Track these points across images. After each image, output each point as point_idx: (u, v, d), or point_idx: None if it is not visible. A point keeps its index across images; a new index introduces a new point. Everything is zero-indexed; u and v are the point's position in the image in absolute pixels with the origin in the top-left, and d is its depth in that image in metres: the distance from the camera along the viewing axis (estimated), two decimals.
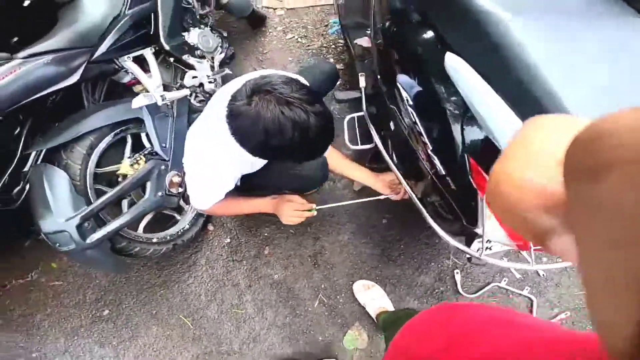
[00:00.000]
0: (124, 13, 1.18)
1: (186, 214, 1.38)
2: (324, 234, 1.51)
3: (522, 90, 0.63)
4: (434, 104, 0.79)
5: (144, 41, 1.30)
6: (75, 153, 1.05)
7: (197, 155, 1.00)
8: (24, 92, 0.95)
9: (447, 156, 0.79)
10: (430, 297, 1.41)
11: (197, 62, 1.47)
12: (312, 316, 1.38)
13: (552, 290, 1.43)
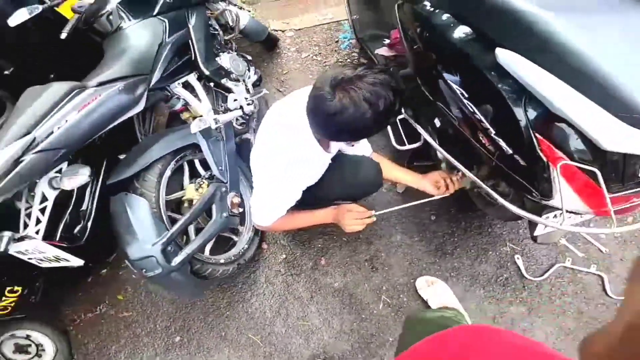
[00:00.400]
0: (165, 41, 1.30)
1: (242, 235, 1.44)
2: (376, 237, 1.55)
3: (578, 75, 0.72)
4: (490, 93, 0.87)
5: (188, 67, 1.42)
6: (148, 181, 1.13)
7: (270, 167, 1.04)
8: (106, 119, 1.05)
9: (512, 136, 0.84)
10: (495, 284, 1.42)
11: (235, 85, 1.59)
12: (379, 318, 1.40)
13: (618, 265, 1.42)
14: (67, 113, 0.97)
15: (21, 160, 0.88)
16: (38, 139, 0.91)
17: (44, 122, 0.93)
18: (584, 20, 0.80)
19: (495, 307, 1.38)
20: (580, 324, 1.33)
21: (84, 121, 0.99)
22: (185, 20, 1.44)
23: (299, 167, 1.01)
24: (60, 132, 0.94)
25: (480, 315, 1.38)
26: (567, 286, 1.40)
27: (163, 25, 1.33)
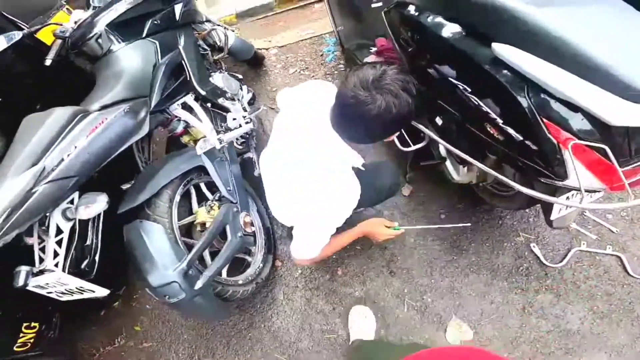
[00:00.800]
0: (159, 62, 1.32)
1: (255, 255, 1.44)
2: (389, 242, 1.56)
3: (572, 61, 0.77)
4: (493, 85, 0.91)
5: (184, 88, 1.44)
6: (160, 207, 1.13)
7: (313, 195, 1.00)
8: (115, 143, 1.04)
9: (520, 123, 0.88)
10: (517, 275, 1.44)
11: (231, 104, 1.62)
12: (405, 322, 1.40)
13: (632, 243, 1.46)
14: (75, 139, 0.96)
15: (33, 191, 0.87)
16: (48, 168, 0.90)
17: (51, 150, 0.92)
18: (564, 10, 0.86)
19: (523, 297, 1.40)
20: (612, 306, 1.35)
21: (94, 146, 0.99)
22: (175, 41, 1.47)
23: (352, 191, 1.00)
24: (71, 160, 0.93)
25: (509, 307, 1.39)
26: (589, 269, 1.43)
27: (154, 47, 1.35)
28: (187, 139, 1.49)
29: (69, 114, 0.99)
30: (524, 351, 1.31)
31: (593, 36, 0.79)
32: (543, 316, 1.36)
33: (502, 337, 1.34)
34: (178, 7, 1.54)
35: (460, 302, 1.41)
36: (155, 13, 1.44)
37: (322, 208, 1.00)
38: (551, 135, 0.84)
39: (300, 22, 3.02)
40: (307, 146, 1.01)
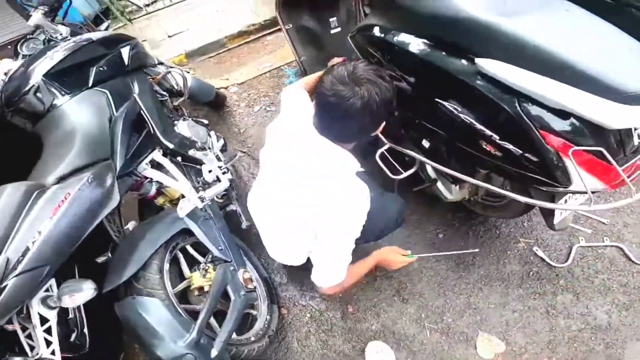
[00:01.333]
0: (114, 115, 1.22)
1: (259, 307, 1.35)
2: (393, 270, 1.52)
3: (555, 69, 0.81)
4: (483, 101, 0.94)
5: (150, 144, 1.34)
6: (150, 280, 1.03)
7: (336, 226, 0.96)
8: (86, 220, 0.94)
9: (517, 138, 0.91)
10: (529, 280, 1.46)
11: (204, 155, 1.52)
12: (432, 346, 1.35)
13: (626, 232, 1.54)
14: (37, 222, 0.86)
15: (2, 286, 0.78)
16: (12, 259, 0.80)
17: (11, 237, 0.82)
18: (533, 19, 0.91)
19: (542, 301, 1.41)
20: (632, 296, 1.39)
21: (61, 228, 0.88)
22: (128, 89, 1.38)
23: (360, 193, 0.95)
24: (38, 247, 0.83)
25: (532, 313, 1.39)
26: (596, 264, 1.47)
27: (105, 97, 1.25)
28: (162, 201, 1.38)
29: (21, 193, 0.88)
30: (563, 353, 1.30)
31: (570, 43, 0.84)
32: (569, 316, 1.37)
33: (536, 343, 1.33)
34: (125, 51, 1.46)
35: (482, 317, 1.39)
36: (100, 59, 1.35)
37: (335, 222, 0.95)
38: (549, 145, 0.87)
39: (255, 57, 3.07)
40: (300, 156, 0.97)
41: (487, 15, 0.92)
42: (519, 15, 0.92)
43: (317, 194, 0.95)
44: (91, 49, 1.35)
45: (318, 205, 0.96)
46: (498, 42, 0.90)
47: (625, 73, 0.78)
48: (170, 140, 1.40)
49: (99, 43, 1.40)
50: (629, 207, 1.64)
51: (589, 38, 0.89)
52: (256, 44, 3.24)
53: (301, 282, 1.54)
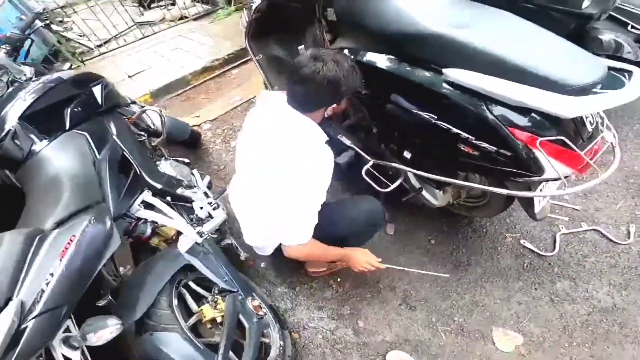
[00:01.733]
0: (97, 158, 1.26)
1: (270, 334, 1.37)
2: (395, 281, 1.64)
3: (512, 72, 1.00)
4: (454, 107, 1.12)
5: (138, 185, 1.39)
6: (163, 315, 1.07)
7: (291, 178, 1.14)
8: (94, 261, 0.98)
9: (490, 136, 1.08)
10: (525, 272, 1.61)
11: (192, 192, 1.59)
12: (450, 347, 1.42)
13: (598, 215, 1.77)
14: (46, 264, 0.89)
15: (23, 328, 0.80)
16: (28, 301, 0.83)
17: (20, 281, 0.85)
18: (483, 30, 1.11)
19: (543, 290, 1.55)
20: (625, 275, 1.56)
21: (73, 269, 0.92)
22: (106, 130, 1.42)
23: (320, 166, 1.15)
24: (53, 289, 0.86)
25: (538, 302, 1.51)
26: (581, 248, 1.66)
27: (85, 139, 1.29)
28: (157, 241, 1.41)
29: (22, 238, 0.92)
30: (581, 337, 1.40)
31: (519, 48, 1.04)
32: (574, 301, 1.51)
33: (552, 331, 1.43)
34: (97, 90, 1.51)
35: (491, 312, 1.50)
36: (72, 99, 1.39)
37: (302, 181, 1.14)
38: (518, 139, 1.04)
39: (223, 92, 3.20)
40: (273, 132, 1.19)
41: (444, 29, 1.12)
42: (470, 27, 1.12)
43: (290, 163, 1.14)
44: (63, 89, 1.38)
45: (290, 172, 1.14)
46: (458, 52, 1.09)
47: (568, 69, 0.97)
48: (157, 181, 1.45)
49: (70, 83, 1.44)
50: (597, 192, 1.89)
51: (532, 41, 1.10)
52: (222, 78, 3.39)
53: (307, 306, 1.59)
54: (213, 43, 3.72)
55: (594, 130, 1.08)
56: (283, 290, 1.66)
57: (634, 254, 1.63)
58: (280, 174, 1.16)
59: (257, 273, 1.73)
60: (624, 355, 1.34)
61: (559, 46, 1.07)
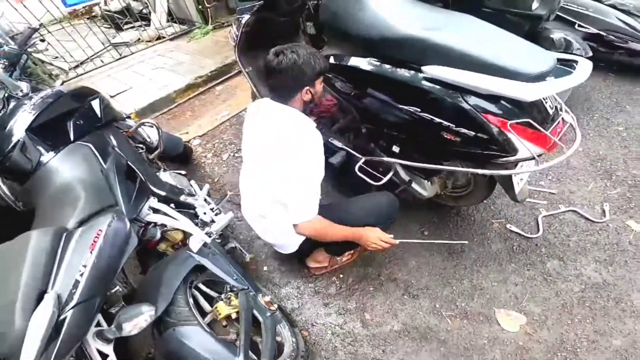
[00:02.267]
0: (104, 167, 1.38)
1: (282, 332, 1.48)
2: (394, 272, 1.82)
3: (481, 66, 1.23)
4: (435, 99, 1.35)
5: (143, 192, 1.53)
6: (182, 312, 1.18)
7: (289, 157, 1.33)
8: (120, 255, 1.08)
9: (467, 122, 1.30)
10: (516, 254, 1.82)
11: (194, 200, 1.75)
12: (457, 332, 1.58)
13: (573, 197, 2.03)
14: (77, 258, 0.99)
15: (62, 318, 0.88)
16: (63, 293, 0.92)
17: (53, 275, 0.95)
18: (452, 31, 1.35)
19: (536, 270, 1.76)
20: (608, 252, 1.79)
21: (103, 261, 1.02)
22: (107, 143, 1.55)
23: (310, 144, 1.34)
24: (87, 280, 0.96)
25: (532, 282, 1.71)
26: (563, 229, 1.90)
27: (90, 150, 1.41)
28: (165, 246, 1.53)
29: (50, 235, 1.02)
30: (581, 313, 1.58)
31: (484, 45, 1.28)
32: (566, 279, 1.71)
33: (552, 309, 1.61)
34: (96, 104, 1.64)
35: (491, 295, 1.68)
36: (73, 112, 1.51)
37: (298, 164, 1.32)
38: (492, 124, 1.27)
39: (209, 108, 3.41)
40: (267, 127, 1.41)
41: (420, 32, 1.36)
42: (442, 29, 1.37)
43: (286, 150, 1.34)
44: (64, 102, 1.50)
45: (287, 157, 1.33)
46: (434, 51, 1.33)
47: (525, 61, 1.22)
48: (161, 189, 1.60)
49: (70, 96, 1.57)
50: (569, 177, 2.18)
51: (494, 40, 1.35)
52: (207, 95, 3.59)
53: (313, 304, 1.74)
54: (194, 61, 3.94)
55: (554, 114, 1.32)
56: (288, 290, 1.81)
57: (612, 231, 1.87)
58: (280, 161, 1.35)
59: (260, 276, 1.87)
60: (625, 329, 1.52)
61: (516, 42, 1.33)
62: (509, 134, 1.26)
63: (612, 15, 2.83)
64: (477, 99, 1.28)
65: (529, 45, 1.32)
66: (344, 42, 1.71)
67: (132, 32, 4.81)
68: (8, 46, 1.71)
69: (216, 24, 4.73)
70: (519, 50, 1.30)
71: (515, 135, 1.25)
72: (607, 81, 3.08)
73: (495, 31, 1.38)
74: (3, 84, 1.55)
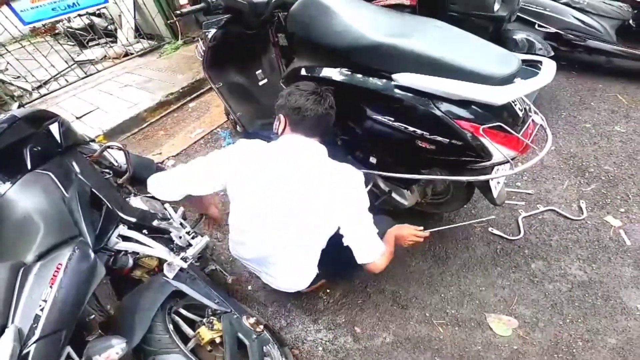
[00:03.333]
0: (65, 196, 1.34)
1: (271, 353, 1.44)
2: (381, 283, 1.84)
3: (450, 72, 1.28)
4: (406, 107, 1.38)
5: (112, 220, 1.48)
6: (162, 340, 1.16)
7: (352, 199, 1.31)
8: (84, 288, 1.05)
9: (440, 129, 1.33)
10: (500, 257, 1.88)
11: (168, 224, 1.73)
12: (451, 340, 1.60)
13: (550, 196, 2.11)
14: (37, 292, 0.97)
15: (25, 352, 0.87)
16: (25, 327, 0.91)
17: (12, 310, 0.94)
18: (420, 37, 1.40)
19: (521, 273, 1.81)
20: (589, 249, 1.86)
21: (65, 294, 1.00)
22: (69, 169, 1.51)
23: (355, 182, 1.34)
24: (48, 314, 0.94)
25: (519, 285, 1.76)
26: (543, 229, 1.97)
27: (50, 179, 1.37)
28: (140, 273, 1.50)
29: (6, 271, 1.01)
30: (572, 313, 1.62)
31: (451, 50, 1.32)
32: (552, 279, 1.76)
33: (541, 311, 1.64)
34: (54, 128, 1.58)
35: (480, 300, 1.72)
36: (29, 138, 1.46)
37: (348, 195, 1.30)
38: (464, 130, 1.32)
39: (183, 126, 3.37)
40: (295, 163, 1.35)
41: (389, 39, 1.38)
42: (410, 35, 1.40)
43: (321, 182, 1.30)
44: (18, 128, 1.44)
45: (328, 190, 1.29)
46: (403, 58, 1.36)
47: (491, 64, 1.27)
48: (131, 215, 1.56)
49: (25, 121, 1.50)
50: (543, 176, 2.27)
51: (461, 44, 1.41)
52: (179, 113, 3.56)
53: (302, 321, 1.73)
54: (165, 77, 3.91)
55: (524, 116, 1.39)
56: (275, 309, 1.80)
57: (591, 228, 1.96)
58: (325, 203, 1.31)
59: (245, 297, 1.85)
60: (618, 327, 1.56)
61: (482, 46, 1.39)
62: (482, 139, 1.31)
63: (569, 14, 2.99)
64: (449, 105, 1.32)
65: (494, 47, 1.37)
66: (315, 53, 1.74)
67: (97, 49, 4.76)
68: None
69: (186, 39, 4.74)
70: (486, 53, 1.36)
71: (488, 139, 1.30)
72: (570, 79, 3.24)
73: (462, 35, 1.44)
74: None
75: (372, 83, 1.48)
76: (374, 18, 1.57)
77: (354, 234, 1.33)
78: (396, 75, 1.37)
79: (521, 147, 1.37)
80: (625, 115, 2.74)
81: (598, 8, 2.99)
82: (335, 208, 1.31)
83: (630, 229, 1.93)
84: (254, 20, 2.05)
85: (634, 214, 2.00)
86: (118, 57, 4.51)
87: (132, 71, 4.15)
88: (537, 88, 1.26)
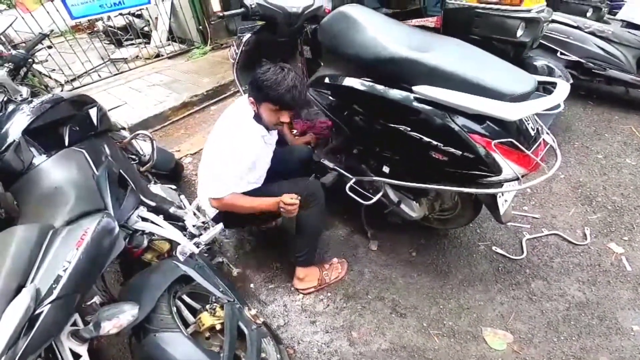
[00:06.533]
0: (96, 173, 1.38)
1: (267, 349, 1.44)
2: (382, 291, 1.82)
3: (466, 86, 1.29)
4: (424, 119, 1.39)
5: (133, 201, 1.52)
6: (164, 319, 1.14)
7: (227, 149, 1.51)
8: (105, 254, 1.07)
9: (455, 142, 1.34)
10: (501, 275, 1.84)
11: (184, 213, 1.75)
12: (445, 350, 1.56)
13: (555, 221, 2.07)
14: (61, 254, 0.97)
15: (38, 312, 0.86)
16: (43, 287, 0.90)
17: (35, 268, 0.93)
18: (441, 53, 1.42)
19: (520, 291, 1.77)
20: (590, 273, 1.82)
21: (88, 258, 1.00)
22: (101, 151, 1.56)
23: (251, 147, 1.52)
24: (70, 275, 0.94)
25: (518, 302, 1.72)
26: (546, 251, 1.93)
27: (83, 156, 1.42)
28: (150, 256, 1.51)
29: (36, 231, 1.01)
30: (567, 331, 1.58)
31: (471, 66, 1.34)
32: (550, 298, 1.73)
33: (538, 328, 1.61)
34: (93, 112, 1.67)
35: (477, 314, 1.68)
36: (70, 118, 1.53)
37: (224, 147, 1.53)
38: (477, 143, 1.32)
39: (203, 127, 3.42)
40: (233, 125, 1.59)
41: (412, 53, 1.41)
42: (432, 50, 1.43)
43: (223, 134, 1.58)
44: (63, 108, 1.53)
45: (220, 139, 1.58)
46: (424, 72, 1.38)
47: (508, 82, 1.28)
48: (151, 199, 1.60)
49: (69, 103, 1.59)
50: (551, 202, 2.24)
51: (479, 61, 1.42)
52: (202, 114, 3.63)
53: (300, 322, 1.71)
54: (191, 80, 4.00)
55: (535, 135, 1.38)
56: (274, 308, 1.78)
57: (593, 253, 1.91)
58: (216, 140, 1.59)
59: (247, 293, 1.84)
60: (611, 347, 1.53)
61: (500, 65, 1.40)
62: (494, 154, 1.30)
63: (592, 43, 2.93)
64: (465, 119, 1.33)
65: (512, 67, 1.39)
66: (340, 63, 1.78)
67: (131, 48, 4.90)
68: (16, 50, 1.74)
69: (215, 45, 4.85)
70: (503, 71, 1.37)
71: (500, 154, 1.30)
72: (587, 110, 3.20)
73: (481, 54, 1.45)
74: (4, 87, 1.57)
75: (392, 94, 1.49)
76: (399, 34, 1.60)
77: (211, 168, 1.58)
78: (416, 87, 1.38)
79: (530, 166, 1.36)
80: (638, 149, 2.70)
81: (622, 37, 2.94)
82: (219, 143, 1.57)
83: (632, 256, 1.89)
84: (286, 29, 2.10)
85: (637, 242, 1.95)
86: (149, 57, 4.63)
87: (160, 71, 4.26)
88: (550, 106, 1.25)
